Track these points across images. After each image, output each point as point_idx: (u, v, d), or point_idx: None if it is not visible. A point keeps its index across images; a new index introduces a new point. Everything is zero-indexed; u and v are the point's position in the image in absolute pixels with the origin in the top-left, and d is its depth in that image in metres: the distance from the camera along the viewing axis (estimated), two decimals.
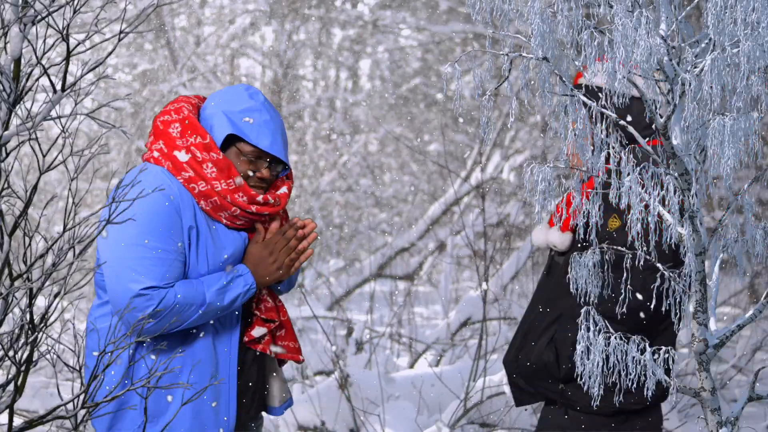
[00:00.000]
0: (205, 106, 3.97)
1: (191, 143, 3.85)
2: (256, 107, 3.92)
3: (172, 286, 3.74)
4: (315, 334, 10.85)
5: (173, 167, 3.84)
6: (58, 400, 7.71)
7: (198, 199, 3.85)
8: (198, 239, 3.83)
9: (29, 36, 2.91)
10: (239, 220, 3.91)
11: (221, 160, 3.85)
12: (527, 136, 12.83)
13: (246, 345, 3.96)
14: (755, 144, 2.91)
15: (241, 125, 3.87)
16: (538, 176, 3.07)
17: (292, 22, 15.25)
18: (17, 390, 2.95)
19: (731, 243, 3.13)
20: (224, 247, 3.87)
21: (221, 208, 3.85)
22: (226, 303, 3.82)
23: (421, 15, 14.62)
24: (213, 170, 3.84)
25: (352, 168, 16.19)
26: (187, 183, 3.83)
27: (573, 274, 3.17)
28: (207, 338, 3.86)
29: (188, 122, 3.88)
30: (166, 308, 3.71)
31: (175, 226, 3.78)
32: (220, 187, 3.83)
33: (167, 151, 3.86)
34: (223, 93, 3.98)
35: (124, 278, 3.71)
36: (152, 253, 3.73)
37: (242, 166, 3.89)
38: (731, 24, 2.92)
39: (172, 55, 14.30)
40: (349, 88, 17.57)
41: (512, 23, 3.09)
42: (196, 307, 3.76)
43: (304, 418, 7.39)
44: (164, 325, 3.70)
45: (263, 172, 3.92)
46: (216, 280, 3.82)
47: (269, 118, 3.92)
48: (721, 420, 3.14)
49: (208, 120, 3.91)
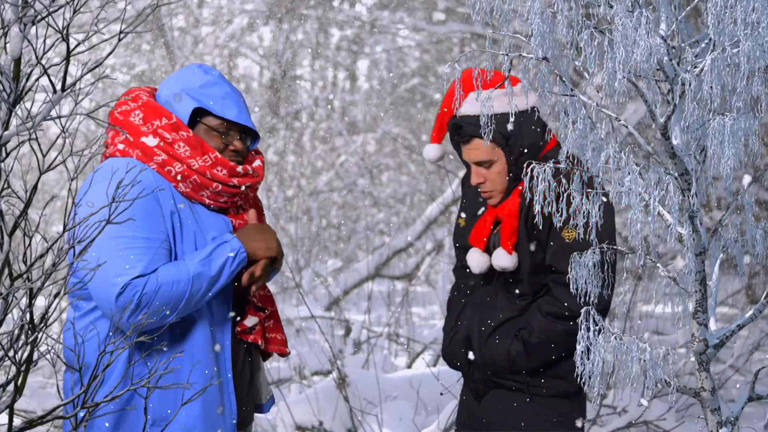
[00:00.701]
0: (159, 93, 3.91)
1: (157, 126, 3.77)
2: (215, 81, 3.87)
3: (155, 271, 3.64)
4: (313, 334, 10.85)
5: (143, 154, 3.76)
6: (55, 400, 7.70)
7: (175, 182, 3.77)
8: (181, 224, 3.75)
9: (29, 36, 2.91)
10: (222, 197, 3.83)
11: (192, 137, 3.78)
12: None
13: (237, 336, 3.89)
14: (755, 144, 2.91)
15: (203, 99, 3.82)
16: (538, 176, 3.06)
17: (289, 23, 15.25)
18: (17, 390, 2.94)
19: (731, 243, 3.13)
20: (208, 230, 3.79)
21: (202, 186, 3.78)
22: (215, 272, 3.71)
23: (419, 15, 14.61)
24: (186, 149, 3.77)
25: (350, 168, 16.17)
26: (161, 168, 3.75)
27: (573, 274, 3.17)
28: (203, 334, 3.79)
29: (149, 106, 3.81)
30: (151, 293, 3.60)
31: (155, 213, 3.69)
32: (197, 165, 3.76)
33: (133, 140, 3.77)
34: (177, 75, 3.93)
35: (110, 272, 3.60)
36: (135, 243, 3.64)
37: (213, 142, 3.83)
38: (731, 24, 2.91)
39: (169, 55, 14.30)
40: (347, 88, 17.56)
41: (512, 23, 3.09)
42: (184, 283, 3.65)
43: (301, 418, 7.39)
44: (158, 312, 3.60)
45: (236, 144, 3.86)
46: (199, 252, 3.73)
47: (230, 89, 3.87)
48: (721, 420, 3.14)
49: (169, 103, 3.85)
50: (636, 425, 7.39)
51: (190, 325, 3.78)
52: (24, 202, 2.91)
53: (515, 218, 4.27)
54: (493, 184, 4.30)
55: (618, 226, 12.65)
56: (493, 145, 4.25)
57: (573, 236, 4.21)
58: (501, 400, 4.42)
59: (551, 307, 4.26)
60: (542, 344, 4.27)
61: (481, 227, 4.37)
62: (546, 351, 4.29)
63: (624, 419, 7.39)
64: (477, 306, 4.43)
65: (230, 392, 3.86)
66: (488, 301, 4.41)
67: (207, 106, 3.81)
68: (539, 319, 4.27)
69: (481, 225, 4.37)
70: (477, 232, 4.38)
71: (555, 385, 4.35)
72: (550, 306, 4.26)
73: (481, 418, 4.49)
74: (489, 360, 4.34)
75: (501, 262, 4.28)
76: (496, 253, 4.29)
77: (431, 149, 4.44)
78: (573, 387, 4.32)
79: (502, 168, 4.27)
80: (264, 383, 4.08)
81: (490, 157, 4.27)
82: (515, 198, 4.29)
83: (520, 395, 4.37)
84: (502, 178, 4.29)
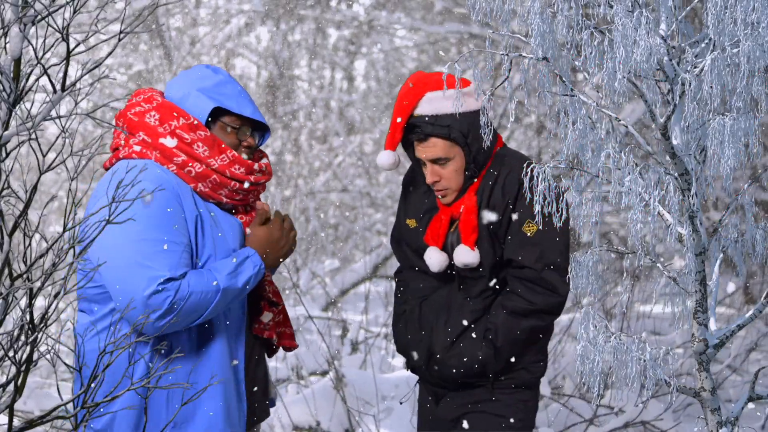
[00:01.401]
0: (169, 94, 3.90)
1: (176, 127, 3.78)
2: (226, 80, 3.89)
3: (184, 277, 3.64)
4: (310, 334, 10.84)
5: (162, 156, 3.77)
6: (52, 401, 7.69)
7: (194, 182, 3.78)
8: (203, 225, 3.75)
9: (29, 36, 2.91)
10: (238, 195, 3.85)
11: (209, 137, 3.80)
12: (522, 136, 12.83)
13: (253, 333, 3.91)
14: (755, 145, 2.92)
15: (221, 98, 3.83)
16: (537, 176, 3.07)
17: (287, 23, 15.25)
18: (17, 390, 2.94)
19: (731, 243, 3.14)
20: (226, 230, 3.81)
21: (221, 185, 3.80)
22: (240, 286, 3.74)
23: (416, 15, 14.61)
24: (204, 149, 3.78)
25: (347, 168, 16.16)
26: (180, 168, 3.76)
27: (573, 273, 3.18)
28: (222, 338, 3.80)
29: (165, 107, 3.81)
30: (182, 300, 3.60)
31: (178, 216, 3.69)
32: (216, 164, 3.78)
33: (151, 141, 3.78)
34: (187, 75, 3.93)
35: (136, 278, 3.59)
36: (159, 247, 3.63)
37: (228, 139, 3.86)
38: (731, 24, 2.92)
39: (167, 55, 14.29)
40: (345, 88, 17.55)
41: (511, 23, 3.09)
42: (212, 294, 3.67)
43: (299, 419, 7.38)
44: (182, 317, 3.61)
45: (249, 141, 3.89)
46: (225, 266, 3.74)
47: (240, 87, 3.90)
48: (721, 420, 3.14)
49: (181, 103, 3.85)
50: (633, 425, 7.39)
51: (209, 339, 3.79)
52: (24, 202, 2.91)
53: (474, 215, 4.32)
54: (449, 182, 4.35)
55: (617, 226, 12.66)
56: (451, 143, 4.30)
57: (534, 230, 4.27)
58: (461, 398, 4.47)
59: (514, 304, 4.31)
60: (509, 343, 4.32)
61: (437, 227, 4.41)
62: (513, 348, 4.34)
63: (621, 419, 7.39)
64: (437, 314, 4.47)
65: (243, 391, 3.88)
66: (447, 305, 4.45)
67: (226, 104, 3.83)
68: (503, 318, 4.31)
69: (437, 224, 4.42)
70: (433, 231, 4.42)
71: (518, 377, 4.42)
72: (513, 303, 4.31)
73: (440, 418, 4.55)
74: (458, 373, 4.39)
75: (464, 259, 4.32)
76: (458, 250, 4.32)
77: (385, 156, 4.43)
78: (535, 376, 4.41)
79: (459, 165, 4.33)
80: (270, 379, 4.11)
81: (448, 155, 4.31)
82: (471, 196, 4.35)
83: (482, 390, 4.42)
84: (458, 176, 4.34)
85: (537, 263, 4.26)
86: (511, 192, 4.29)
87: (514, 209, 4.28)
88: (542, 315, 4.29)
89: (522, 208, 4.26)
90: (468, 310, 4.39)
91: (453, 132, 4.25)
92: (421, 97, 4.34)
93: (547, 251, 4.27)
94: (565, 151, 3.07)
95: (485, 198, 4.31)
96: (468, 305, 4.40)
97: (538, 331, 4.34)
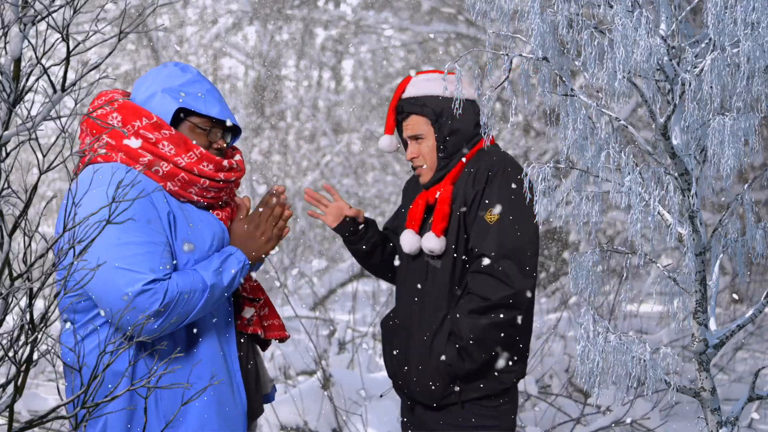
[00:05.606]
0: (134, 94, 3.85)
1: (139, 127, 3.72)
2: (195, 79, 3.84)
3: (170, 278, 3.61)
4: (298, 334, 10.84)
5: (127, 157, 3.70)
6: (39, 401, 7.68)
7: (163, 181, 3.73)
8: (176, 223, 3.70)
9: (29, 36, 2.90)
10: (209, 192, 3.81)
11: (175, 135, 3.74)
12: (510, 135, 12.84)
13: (237, 330, 3.89)
14: (755, 145, 2.92)
15: (186, 99, 3.78)
16: (537, 176, 3.07)
17: (274, 23, 15.24)
18: (17, 390, 2.93)
19: (731, 243, 3.14)
20: (202, 229, 3.77)
21: (190, 183, 3.75)
22: (226, 283, 3.72)
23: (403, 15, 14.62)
24: (170, 147, 3.73)
25: (335, 168, 16.17)
26: (147, 168, 3.70)
27: (573, 274, 3.19)
28: (211, 336, 3.79)
29: (127, 108, 3.76)
30: (172, 300, 3.57)
31: (152, 215, 3.63)
32: (183, 162, 3.73)
33: (115, 143, 3.72)
34: (154, 74, 3.87)
35: (120, 280, 3.54)
36: (141, 249, 3.57)
37: (198, 140, 3.81)
38: (731, 24, 2.93)
39: (154, 55, 14.27)
40: (332, 88, 17.55)
41: (511, 23, 3.09)
42: (200, 293, 3.65)
43: (286, 418, 7.38)
44: (172, 318, 3.58)
45: (220, 142, 3.85)
46: (209, 263, 3.72)
47: (210, 87, 3.85)
48: (721, 420, 3.15)
49: (146, 104, 3.79)
50: (620, 424, 7.41)
51: (197, 338, 3.77)
52: (24, 202, 2.90)
53: (447, 205, 4.49)
54: (424, 159, 4.59)
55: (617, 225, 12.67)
56: (426, 120, 4.56)
57: (495, 219, 4.37)
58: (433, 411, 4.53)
59: (471, 304, 4.35)
60: (473, 344, 4.33)
61: (414, 211, 4.61)
62: (479, 350, 4.35)
63: (608, 418, 7.41)
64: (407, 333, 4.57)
65: (239, 386, 3.86)
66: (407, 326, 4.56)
67: (191, 105, 3.78)
68: (464, 320, 4.35)
69: (414, 209, 4.62)
70: (411, 215, 4.62)
71: (488, 386, 4.45)
72: (470, 303, 4.36)
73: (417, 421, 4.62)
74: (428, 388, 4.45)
75: (429, 244, 4.47)
76: (426, 236, 4.48)
77: (385, 139, 4.75)
78: (505, 386, 4.46)
79: (433, 144, 4.57)
80: (265, 372, 4.09)
81: (421, 132, 4.57)
82: (448, 185, 4.53)
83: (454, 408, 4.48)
84: (432, 154, 4.57)
85: (494, 252, 4.30)
86: (480, 182, 4.42)
87: (481, 199, 4.38)
88: (500, 309, 4.31)
89: (488, 198, 4.35)
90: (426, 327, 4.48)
91: (425, 110, 4.53)
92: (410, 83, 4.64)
93: (506, 241, 4.31)
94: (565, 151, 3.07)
95: (460, 190, 4.48)
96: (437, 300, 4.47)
97: (501, 328, 4.33)
